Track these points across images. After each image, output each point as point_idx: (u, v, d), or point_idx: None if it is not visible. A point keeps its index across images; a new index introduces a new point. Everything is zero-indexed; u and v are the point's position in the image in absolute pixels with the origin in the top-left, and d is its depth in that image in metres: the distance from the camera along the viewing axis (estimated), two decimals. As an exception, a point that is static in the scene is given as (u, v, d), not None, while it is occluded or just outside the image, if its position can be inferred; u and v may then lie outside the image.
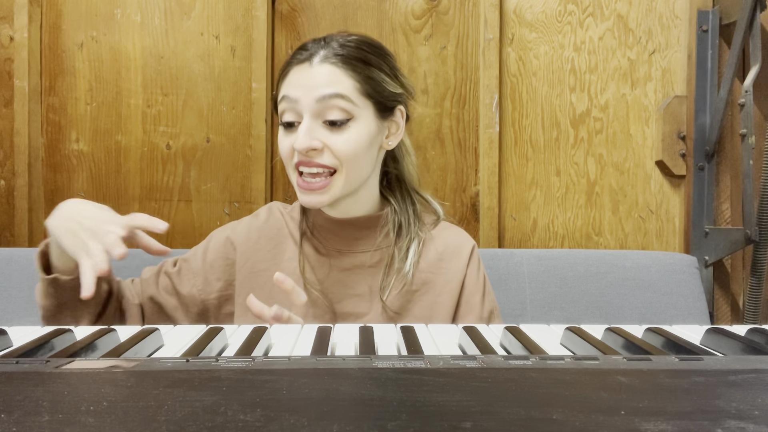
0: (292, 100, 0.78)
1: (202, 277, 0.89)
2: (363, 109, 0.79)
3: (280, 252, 0.89)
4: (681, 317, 1.33)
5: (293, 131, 0.79)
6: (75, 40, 1.53)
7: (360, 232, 0.87)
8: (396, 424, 0.25)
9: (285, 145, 0.81)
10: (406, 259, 0.84)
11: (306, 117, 0.77)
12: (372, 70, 0.80)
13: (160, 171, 1.54)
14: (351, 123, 0.78)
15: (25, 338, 0.50)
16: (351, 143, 0.78)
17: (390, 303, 0.83)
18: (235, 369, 0.34)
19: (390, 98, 0.82)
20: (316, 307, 0.85)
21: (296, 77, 0.79)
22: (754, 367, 0.36)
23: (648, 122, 1.53)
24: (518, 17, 1.53)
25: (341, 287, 0.86)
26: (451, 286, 0.86)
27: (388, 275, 0.84)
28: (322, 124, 0.78)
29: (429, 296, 0.85)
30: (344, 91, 0.77)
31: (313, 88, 0.77)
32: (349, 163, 0.79)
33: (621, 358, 0.38)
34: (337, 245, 0.87)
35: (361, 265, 0.86)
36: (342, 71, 0.77)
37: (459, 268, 0.87)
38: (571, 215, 1.55)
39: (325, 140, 0.77)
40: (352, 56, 0.79)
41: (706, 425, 0.26)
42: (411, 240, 0.86)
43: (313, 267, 0.87)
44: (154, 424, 0.26)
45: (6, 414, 0.27)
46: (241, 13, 1.53)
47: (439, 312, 0.85)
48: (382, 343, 0.51)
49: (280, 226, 0.91)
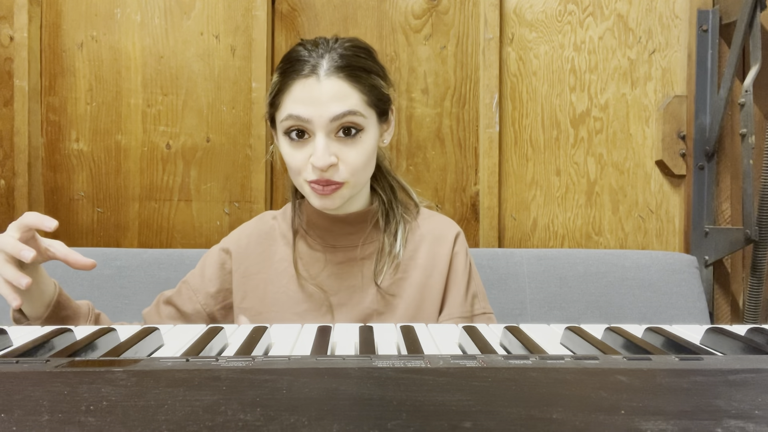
0: (303, 119, 0.76)
1: (203, 293, 0.91)
2: (369, 119, 0.80)
3: (271, 254, 0.91)
4: (681, 317, 1.33)
5: (304, 144, 0.79)
6: (75, 39, 1.53)
7: (352, 227, 0.89)
8: (396, 424, 0.25)
9: (298, 158, 0.79)
10: (396, 242, 0.88)
11: (320, 134, 0.76)
12: (372, 77, 0.80)
13: (160, 171, 1.54)
14: (362, 134, 0.79)
15: (25, 338, 0.50)
16: (362, 155, 0.79)
17: (384, 286, 0.86)
18: (235, 368, 0.34)
19: (386, 101, 0.84)
20: (312, 301, 0.87)
21: (303, 94, 0.76)
22: (754, 366, 0.36)
23: (648, 122, 1.53)
24: (518, 17, 1.53)
25: (336, 280, 0.88)
26: (439, 269, 0.89)
27: (380, 261, 0.87)
28: (335, 138, 0.78)
29: (419, 280, 0.88)
30: (355, 106, 0.77)
31: (324, 106, 0.75)
32: (358, 174, 0.80)
33: (621, 358, 0.38)
34: (331, 241, 0.89)
35: (354, 258, 0.88)
36: (350, 85, 0.76)
37: (446, 252, 0.90)
38: (571, 215, 1.55)
39: (340, 154, 0.78)
40: (356, 66, 0.78)
41: (706, 425, 0.26)
42: (397, 224, 0.90)
43: (306, 263, 0.89)
44: (154, 424, 0.26)
45: (6, 413, 0.27)
46: (241, 13, 1.53)
47: (429, 295, 0.87)
48: (382, 343, 0.50)
49: (269, 230, 0.93)
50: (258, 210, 1.49)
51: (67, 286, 1.32)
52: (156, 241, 1.55)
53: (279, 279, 0.88)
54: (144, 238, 1.55)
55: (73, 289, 1.33)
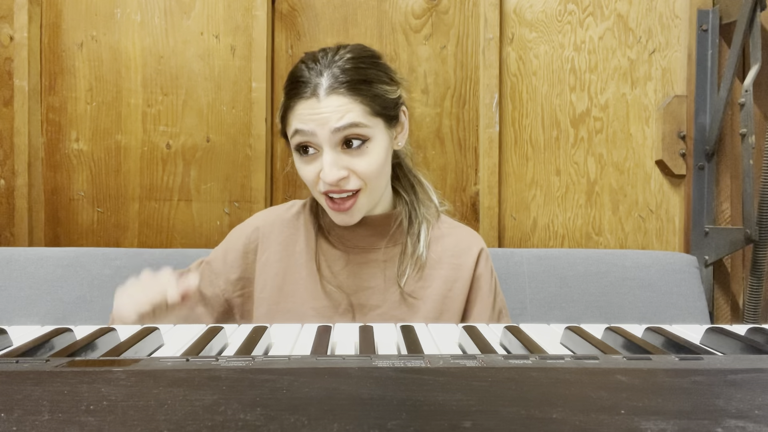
0: (307, 133, 0.78)
1: (224, 278, 0.91)
2: (375, 128, 0.80)
3: (293, 243, 0.91)
4: (681, 317, 1.33)
5: (313, 159, 0.81)
6: (75, 39, 1.53)
7: (375, 230, 0.89)
8: (396, 423, 0.25)
9: (308, 172, 0.81)
10: (419, 242, 0.88)
11: (326, 148, 0.78)
12: (374, 86, 0.80)
13: (160, 171, 1.54)
14: (369, 144, 0.79)
15: (25, 338, 0.50)
16: (373, 164, 0.80)
17: (407, 290, 0.86)
18: (235, 368, 0.34)
19: (394, 106, 0.84)
20: (331, 300, 0.86)
21: (305, 112, 0.78)
22: (754, 366, 0.36)
23: (648, 122, 1.53)
24: (518, 17, 1.53)
25: (356, 280, 0.88)
26: (462, 282, 0.88)
27: (403, 262, 0.87)
28: (341, 151, 0.79)
29: (440, 291, 0.87)
30: (357, 118, 0.77)
31: (325, 122, 0.77)
32: (372, 180, 0.81)
33: (621, 358, 0.38)
34: (354, 242, 0.89)
35: (376, 260, 0.88)
36: (350, 99, 0.77)
37: (469, 265, 0.89)
38: (571, 215, 1.55)
39: (349, 166, 0.79)
40: (355, 80, 0.78)
41: (706, 424, 0.26)
42: (420, 223, 0.90)
43: (328, 262, 0.89)
44: (153, 424, 0.26)
45: (6, 413, 0.27)
46: (241, 13, 1.53)
47: (450, 306, 0.87)
48: (382, 343, 0.50)
49: (295, 219, 0.94)
50: (258, 210, 1.49)
51: (67, 286, 1.33)
52: (156, 241, 1.55)
53: (298, 270, 0.88)
54: (144, 238, 1.55)
55: (73, 289, 1.33)
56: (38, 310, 1.30)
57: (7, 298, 1.31)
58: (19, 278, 1.32)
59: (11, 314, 1.29)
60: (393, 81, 0.85)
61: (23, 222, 1.50)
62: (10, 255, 1.35)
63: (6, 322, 1.28)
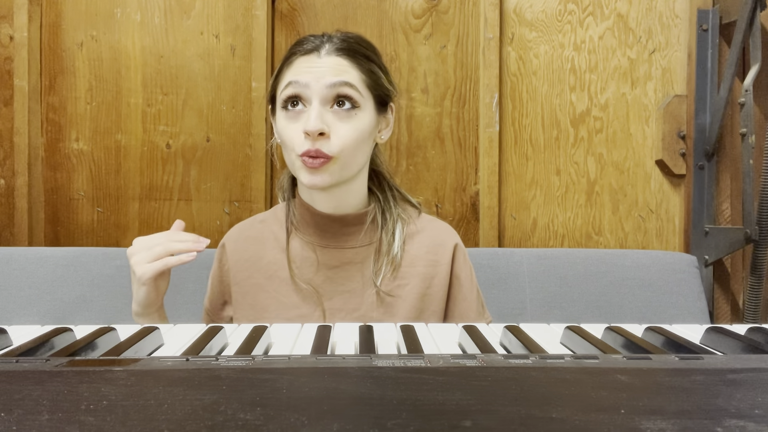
0: (301, 84, 0.79)
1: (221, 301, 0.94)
2: (366, 101, 0.81)
3: (259, 258, 0.90)
4: (681, 316, 1.33)
5: (298, 117, 0.79)
6: (75, 39, 1.53)
7: (347, 229, 0.88)
8: (396, 423, 0.25)
9: (292, 130, 0.80)
10: (394, 241, 0.88)
11: (315, 102, 0.78)
12: (372, 65, 0.83)
13: (160, 170, 1.54)
14: (357, 112, 0.80)
15: (25, 337, 0.50)
16: (355, 132, 0.79)
17: (384, 287, 0.85)
18: (235, 368, 0.34)
19: (386, 93, 0.85)
20: (305, 306, 0.85)
21: (304, 65, 0.80)
22: (754, 366, 0.36)
23: (648, 121, 1.53)
24: (518, 16, 1.53)
25: (330, 284, 0.86)
26: (439, 279, 0.88)
27: (378, 260, 0.87)
28: (329, 110, 0.79)
29: (419, 289, 0.86)
30: (352, 80, 0.79)
31: (322, 75, 0.78)
32: (348, 151, 0.80)
33: (621, 357, 0.38)
34: (324, 241, 0.87)
35: (349, 261, 0.87)
36: (349, 62, 0.80)
37: (446, 261, 0.89)
38: (571, 215, 1.55)
39: (332, 126, 0.79)
40: (356, 50, 0.81)
41: (706, 424, 0.26)
42: (395, 222, 0.89)
43: (299, 264, 0.87)
44: (153, 423, 0.26)
45: (6, 413, 0.27)
46: (241, 13, 1.53)
47: (430, 305, 0.86)
48: (382, 342, 0.50)
49: (257, 234, 0.92)
50: (258, 210, 1.49)
51: (67, 286, 1.33)
52: (156, 241, 1.55)
53: (269, 284, 0.87)
54: (144, 237, 1.55)
55: (73, 289, 1.33)
56: (38, 309, 1.30)
57: (7, 298, 1.31)
58: (19, 278, 1.32)
59: (11, 314, 1.29)
60: (387, 75, 0.87)
61: (23, 222, 1.50)
62: (10, 255, 1.35)
63: (6, 321, 1.28)
